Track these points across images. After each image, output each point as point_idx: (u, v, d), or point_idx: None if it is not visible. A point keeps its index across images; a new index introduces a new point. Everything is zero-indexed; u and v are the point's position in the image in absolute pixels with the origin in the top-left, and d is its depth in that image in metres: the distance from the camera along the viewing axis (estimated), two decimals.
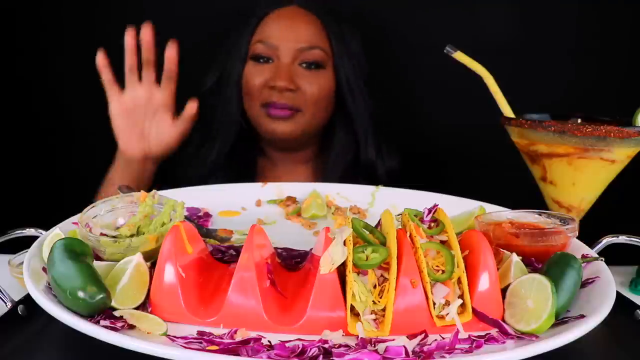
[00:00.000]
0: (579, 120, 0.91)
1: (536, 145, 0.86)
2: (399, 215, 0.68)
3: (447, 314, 0.57)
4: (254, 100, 1.18)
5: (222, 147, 1.20)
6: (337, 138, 1.25)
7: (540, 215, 0.74)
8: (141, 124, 1.07)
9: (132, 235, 0.68)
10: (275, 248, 0.71)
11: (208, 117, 1.20)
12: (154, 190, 0.74)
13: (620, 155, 0.83)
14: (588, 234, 0.74)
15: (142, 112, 1.06)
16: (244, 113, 1.21)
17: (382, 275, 0.58)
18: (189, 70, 1.12)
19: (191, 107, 1.07)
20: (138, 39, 1.02)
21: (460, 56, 0.87)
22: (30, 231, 0.73)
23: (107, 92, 1.05)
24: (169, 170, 1.22)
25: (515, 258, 0.63)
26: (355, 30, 1.24)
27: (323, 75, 1.19)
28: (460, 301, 0.58)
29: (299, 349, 0.53)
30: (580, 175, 0.85)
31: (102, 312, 0.56)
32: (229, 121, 1.19)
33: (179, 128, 1.09)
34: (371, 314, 0.57)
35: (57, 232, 0.68)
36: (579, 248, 0.71)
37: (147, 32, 0.99)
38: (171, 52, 1.03)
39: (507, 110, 0.89)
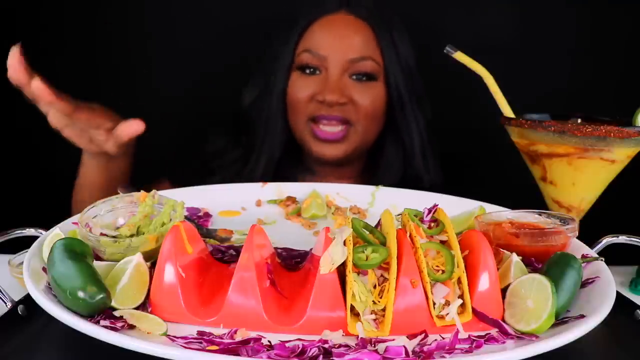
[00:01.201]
0: (579, 120, 0.91)
1: (536, 145, 0.86)
2: (399, 215, 0.68)
3: (447, 314, 0.57)
4: (300, 114, 1.12)
5: (269, 162, 1.14)
6: (387, 154, 1.18)
7: (540, 215, 0.74)
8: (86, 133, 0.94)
9: (132, 235, 0.68)
10: (275, 248, 0.71)
11: (250, 132, 1.15)
12: (153, 190, 0.74)
13: (620, 155, 0.82)
14: (588, 234, 0.74)
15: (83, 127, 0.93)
16: (288, 126, 1.15)
17: (382, 275, 0.58)
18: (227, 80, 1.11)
19: (133, 128, 0.90)
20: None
21: (460, 56, 0.87)
22: (30, 231, 0.73)
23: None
24: (206, 173, 1.17)
25: (515, 258, 0.63)
26: (406, 37, 1.16)
27: (375, 87, 1.13)
28: (460, 301, 0.58)
29: (299, 349, 0.53)
30: (580, 175, 0.85)
31: (102, 312, 0.56)
32: (275, 135, 1.13)
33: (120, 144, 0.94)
34: (371, 314, 0.57)
35: (57, 232, 0.68)
36: (579, 248, 0.71)
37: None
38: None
39: (507, 110, 0.88)
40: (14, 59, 0.85)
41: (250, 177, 1.12)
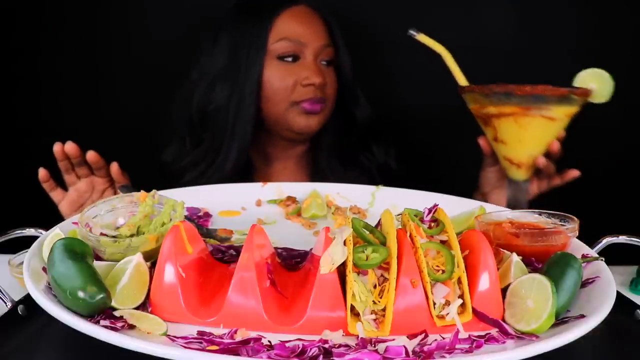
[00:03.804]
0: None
1: (487, 107, 0.95)
2: (399, 215, 0.68)
3: (447, 313, 0.57)
4: (281, 99, 1.16)
5: (242, 147, 1.17)
6: (328, 132, 1.26)
7: (540, 215, 0.74)
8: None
9: (132, 235, 0.68)
10: (275, 248, 0.71)
11: (212, 122, 1.18)
12: (154, 190, 0.74)
13: (558, 113, 0.92)
14: (588, 234, 0.74)
15: (89, 197, 1.09)
16: (258, 113, 1.19)
17: (382, 275, 0.58)
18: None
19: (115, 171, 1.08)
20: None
21: (423, 38, 0.98)
22: (30, 231, 0.73)
23: (53, 198, 1.09)
24: (174, 176, 1.20)
25: (515, 258, 0.63)
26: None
27: (332, 71, 1.21)
28: (460, 301, 0.58)
29: (299, 349, 0.53)
30: (525, 132, 0.93)
31: (102, 312, 0.56)
32: (247, 121, 1.16)
33: None
34: (371, 314, 0.57)
35: (57, 232, 0.68)
36: (579, 248, 0.71)
37: (71, 147, 1.04)
38: (90, 156, 1.05)
39: (463, 81, 0.98)
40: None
41: (222, 168, 1.16)
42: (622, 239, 0.74)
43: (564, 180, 1.05)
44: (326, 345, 0.54)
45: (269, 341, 0.55)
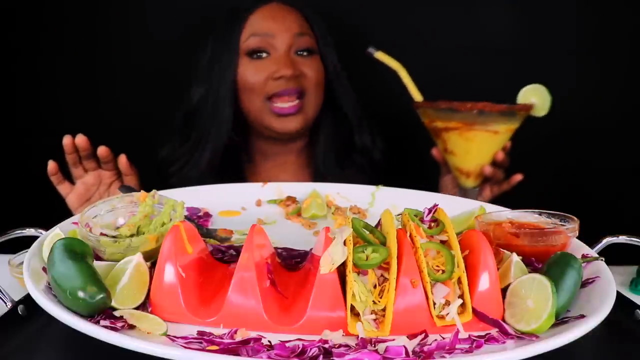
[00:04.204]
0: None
1: (435, 122, 1.03)
2: (399, 215, 0.68)
3: (447, 313, 0.57)
4: (256, 96, 1.17)
5: (217, 146, 1.19)
6: (324, 126, 1.26)
7: (540, 215, 0.74)
8: (96, 199, 1.11)
9: (132, 235, 0.68)
10: (275, 248, 0.71)
11: (197, 121, 1.20)
12: (154, 190, 0.74)
13: (501, 127, 1.00)
14: (588, 234, 0.74)
15: (96, 190, 1.10)
16: (238, 110, 1.20)
17: (382, 275, 0.58)
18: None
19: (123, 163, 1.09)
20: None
21: (380, 55, 1.07)
22: (30, 231, 0.73)
23: (60, 191, 1.10)
24: (167, 174, 1.23)
25: (515, 258, 0.63)
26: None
27: (315, 60, 1.20)
28: (460, 301, 0.58)
29: (299, 349, 0.53)
30: (471, 144, 1.01)
31: (102, 312, 0.56)
32: (222, 121, 1.18)
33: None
34: (371, 314, 0.57)
35: (57, 232, 0.68)
36: (579, 248, 0.71)
37: (82, 139, 1.05)
38: (101, 151, 1.07)
39: (417, 97, 1.05)
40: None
41: (196, 165, 1.19)
42: (622, 239, 0.75)
43: (510, 184, 1.10)
44: (326, 345, 0.54)
45: (269, 341, 0.55)
